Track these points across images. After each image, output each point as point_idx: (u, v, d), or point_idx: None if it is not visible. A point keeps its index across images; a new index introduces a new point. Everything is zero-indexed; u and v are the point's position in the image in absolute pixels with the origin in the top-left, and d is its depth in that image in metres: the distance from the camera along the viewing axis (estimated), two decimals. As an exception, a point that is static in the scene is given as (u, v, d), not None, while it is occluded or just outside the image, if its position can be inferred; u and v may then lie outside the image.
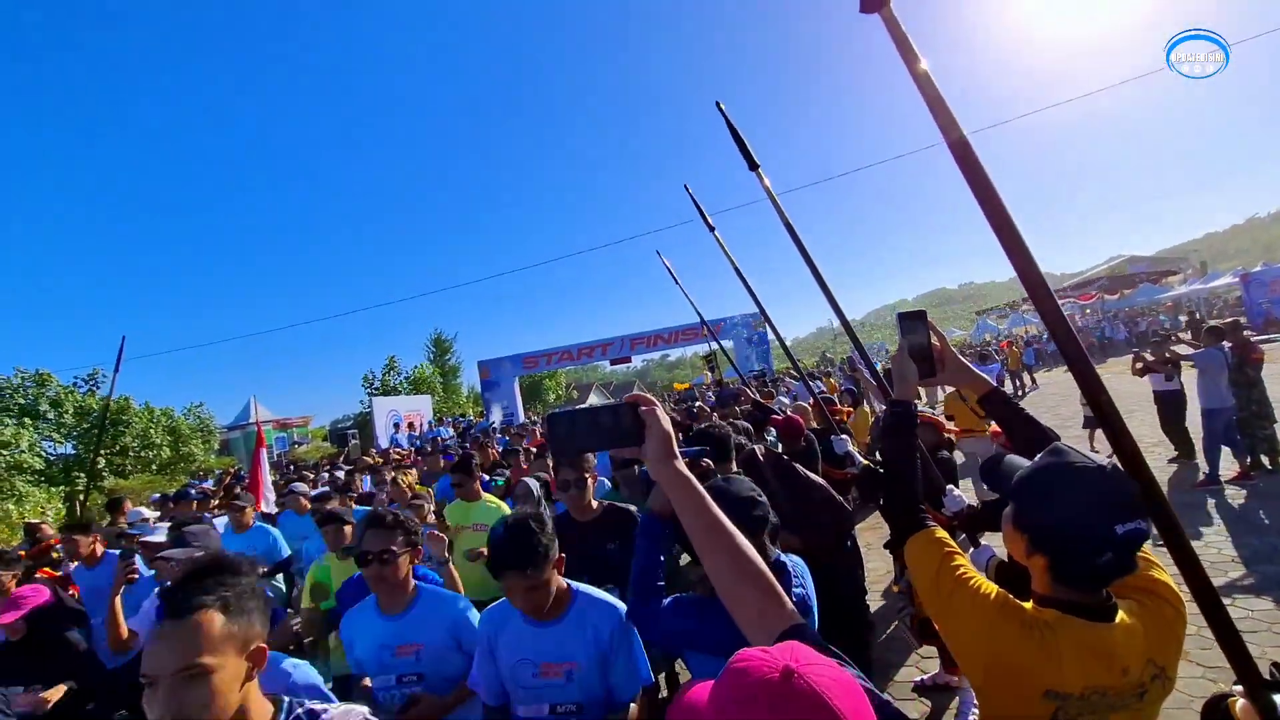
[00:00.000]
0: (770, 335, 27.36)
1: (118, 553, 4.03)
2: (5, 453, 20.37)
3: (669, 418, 1.06)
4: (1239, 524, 5.43)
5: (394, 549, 2.16)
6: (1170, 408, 7.67)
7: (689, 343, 27.87)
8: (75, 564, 4.58)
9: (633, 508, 2.97)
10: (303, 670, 1.83)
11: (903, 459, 1.41)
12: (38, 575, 5.05)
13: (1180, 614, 1.20)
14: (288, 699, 1.22)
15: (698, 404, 9.45)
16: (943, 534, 1.31)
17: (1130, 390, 10.89)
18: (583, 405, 1.16)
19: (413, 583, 2.26)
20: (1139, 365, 7.82)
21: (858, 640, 3.17)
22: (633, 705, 1.93)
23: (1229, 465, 6.79)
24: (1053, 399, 14.79)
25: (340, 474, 9.46)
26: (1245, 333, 7.46)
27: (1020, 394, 17.19)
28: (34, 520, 7.54)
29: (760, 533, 1.82)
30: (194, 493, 9.78)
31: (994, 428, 4.57)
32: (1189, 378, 7.36)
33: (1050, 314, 1.22)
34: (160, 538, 4.58)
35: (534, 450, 7.34)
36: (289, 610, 3.97)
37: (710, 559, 0.97)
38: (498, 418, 23.97)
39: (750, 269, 4.49)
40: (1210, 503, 6.10)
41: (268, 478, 7.26)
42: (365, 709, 1.26)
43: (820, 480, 3.42)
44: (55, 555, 6.04)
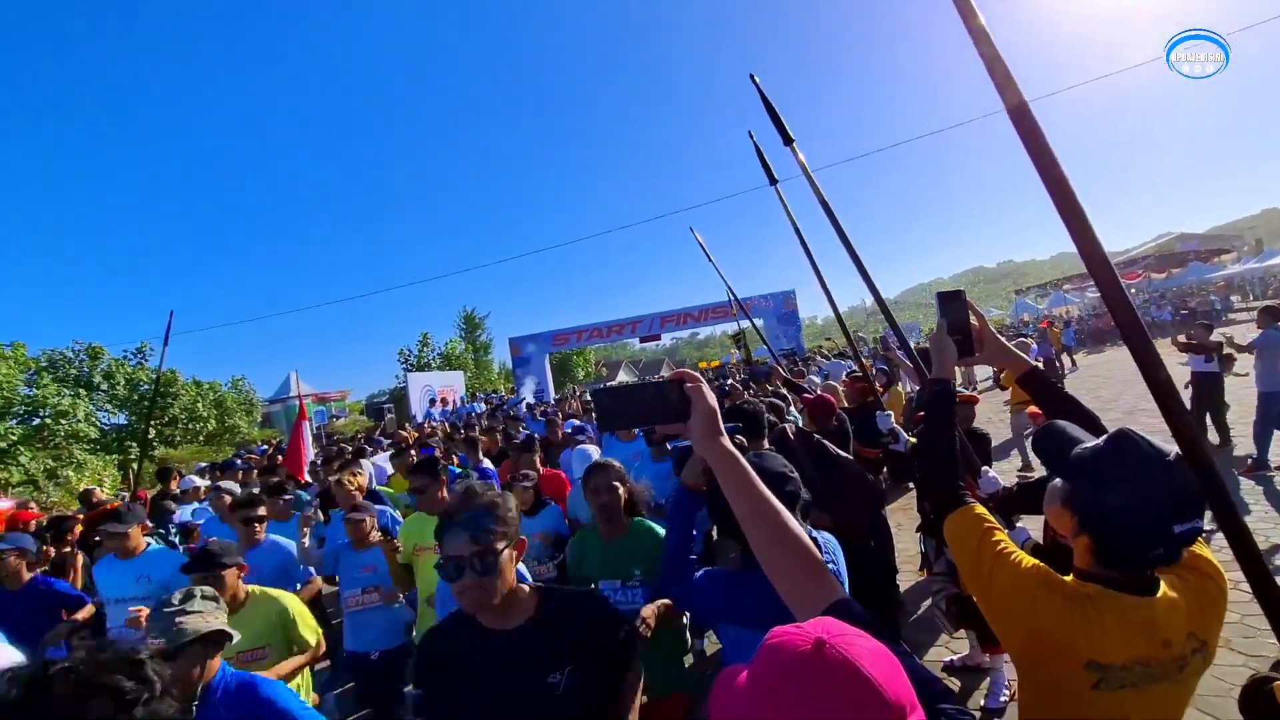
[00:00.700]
0: (802, 314, 27.12)
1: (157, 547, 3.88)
2: (64, 422, 21.43)
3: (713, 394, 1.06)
4: (1290, 511, 5.23)
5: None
6: (1207, 390, 7.40)
7: (718, 321, 27.71)
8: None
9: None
10: None
11: (941, 437, 1.41)
12: (99, 540, 5.34)
13: (1222, 590, 1.19)
14: None
15: (729, 382, 9.39)
16: (981, 510, 1.30)
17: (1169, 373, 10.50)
18: (626, 382, 1.18)
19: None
20: (1182, 341, 7.59)
21: (888, 620, 3.17)
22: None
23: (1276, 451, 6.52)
24: (1093, 381, 14.37)
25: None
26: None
27: (1060, 376, 16.74)
28: (89, 486, 7.96)
29: (791, 509, 1.82)
30: (239, 462, 10.22)
31: (1033, 407, 4.46)
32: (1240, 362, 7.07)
33: (1107, 284, 1.18)
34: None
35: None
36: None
37: (755, 535, 0.97)
38: (529, 394, 24.28)
39: (781, 246, 4.43)
40: (1258, 489, 5.88)
41: (309, 450, 7.52)
42: None
43: (851, 460, 3.40)
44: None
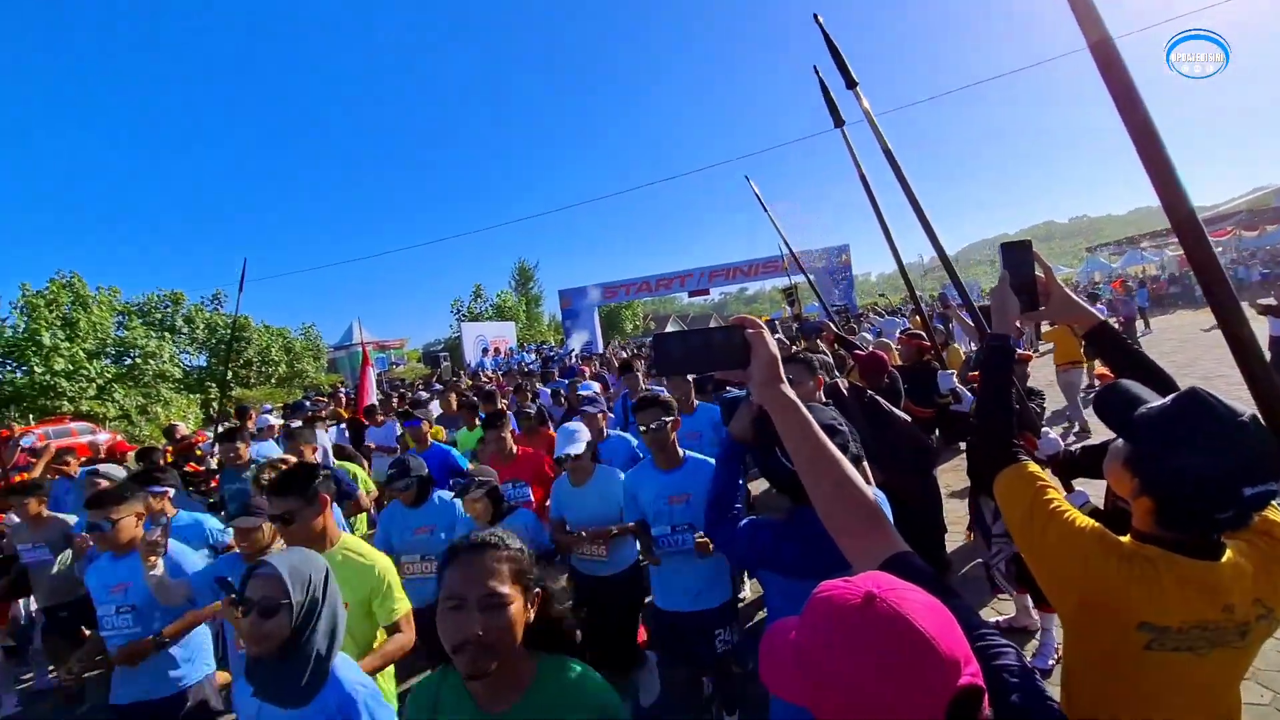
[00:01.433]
0: (855, 271, 26.21)
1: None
2: (152, 362, 23.08)
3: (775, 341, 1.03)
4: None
5: None
6: None
7: (768, 276, 27.14)
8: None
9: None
10: None
11: (998, 394, 1.36)
12: (185, 470, 5.82)
13: None
14: None
15: (778, 336, 9.29)
16: (1035, 468, 1.27)
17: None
18: (689, 328, 1.17)
19: None
20: (1262, 303, 7.16)
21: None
22: None
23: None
24: (1168, 344, 13.51)
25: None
26: None
27: (1135, 338, 15.80)
28: (172, 423, 8.60)
29: None
30: (308, 405, 10.83)
31: (1100, 368, 4.24)
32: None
33: (1190, 237, 1.10)
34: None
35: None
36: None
37: (814, 485, 0.96)
38: (578, 346, 24.61)
39: (834, 201, 4.26)
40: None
41: (372, 394, 7.97)
42: None
43: (905, 417, 3.36)
44: (199, 453, 6.91)
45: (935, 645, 0.59)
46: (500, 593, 1.13)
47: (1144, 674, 1.11)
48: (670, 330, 1.08)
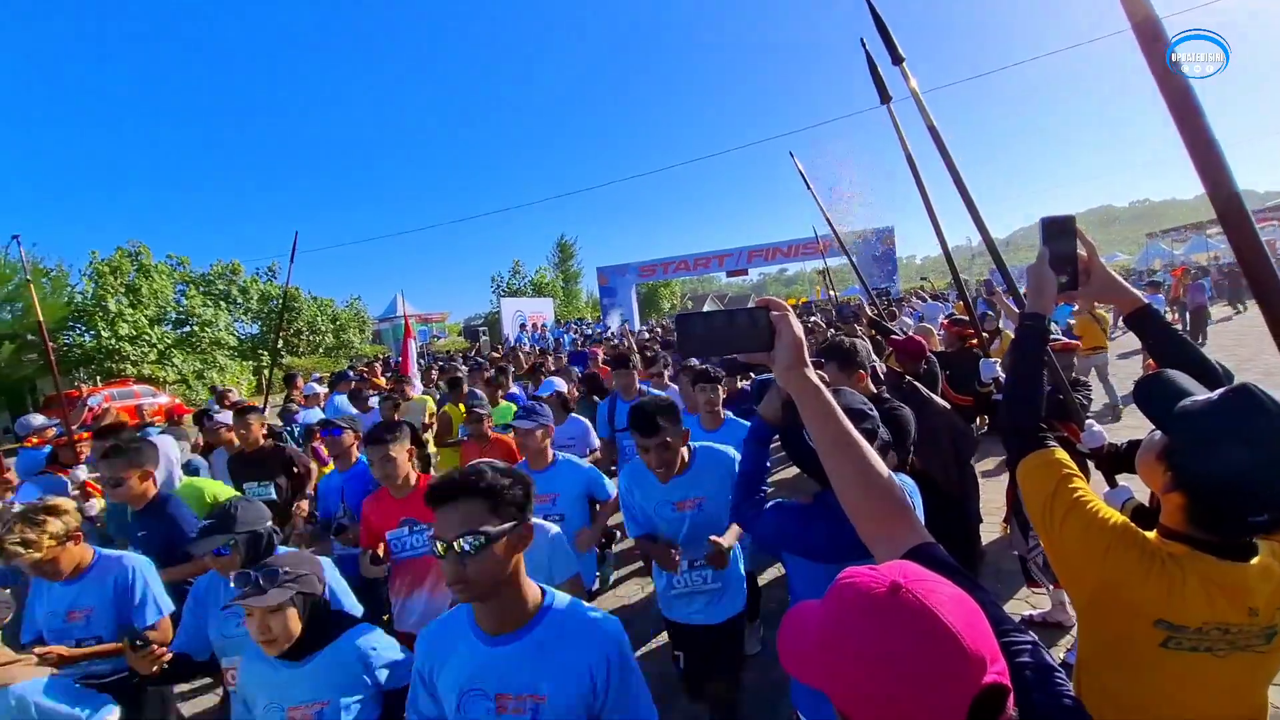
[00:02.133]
0: (899, 254, 25.47)
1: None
2: (209, 330, 24.11)
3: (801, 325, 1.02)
4: None
5: None
6: None
7: (808, 257, 26.63)
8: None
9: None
10: None
11: (1027, 375, 1.32)
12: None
13: None
14: None
15: (813, 319, 9.13)
16: (1063, 455, 1.24)
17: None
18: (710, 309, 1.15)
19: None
20: None
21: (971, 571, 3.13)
22: None
23: None
24: (1229, 337, 12.77)
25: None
26: None
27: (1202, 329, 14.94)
28: (225, 387, 9.02)
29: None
30: (351, 374, 11.20)
31: (1149, 360, 4.05)
32: None
33: (1236, 226, 1.04)
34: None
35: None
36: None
37: (837, 470, 0.95)
38: (615, 324, 24.70)
39: (878, 181, 4.10)
40: None
41: (414, 365, 8.27)
42: None
43: (943, 403, 3.29)
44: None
45: (961, 641, 0.57)
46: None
47: (1159, 671, 1.09)
48: (691, 311, 1.06)
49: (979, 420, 6.57)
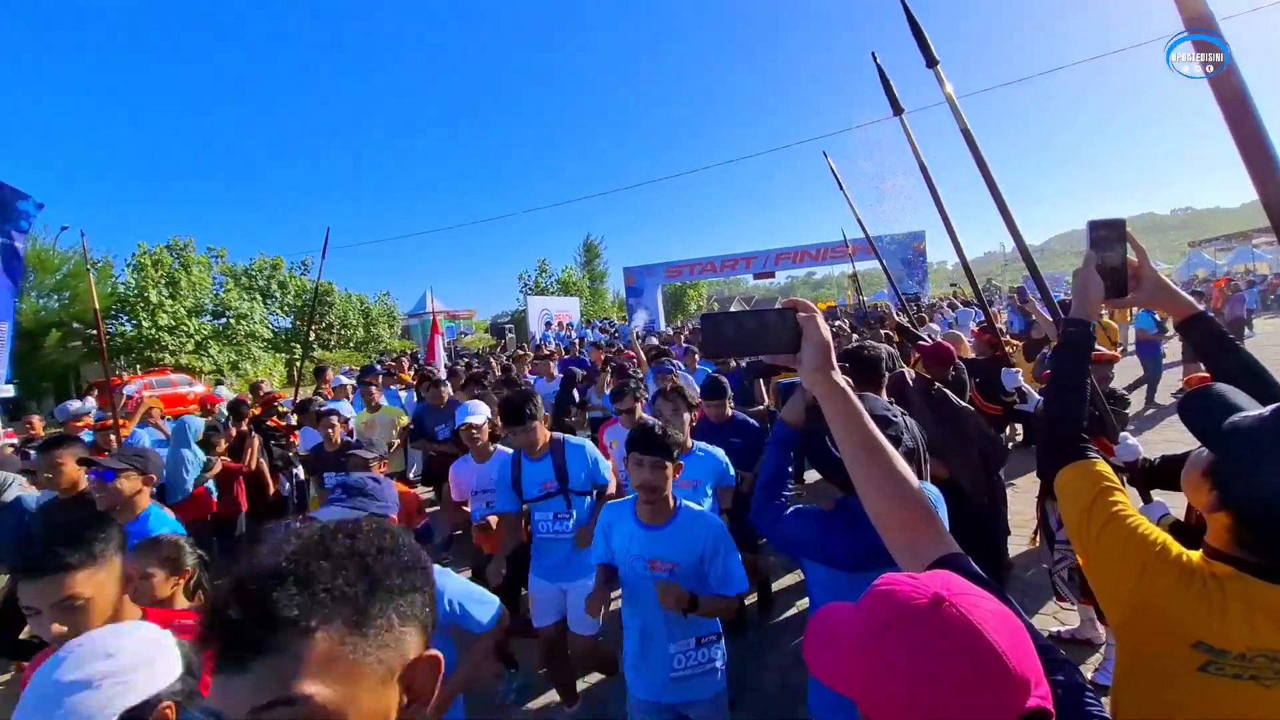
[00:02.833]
0: (930, 258, 25.01)
1: None
2: (244, 323, 24.77)
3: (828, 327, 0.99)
4: None
5: None
6: None
7: (836, 260, 26.31)
8: None
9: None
10: None
11: (1069, 383, 1.28)
12: (268, 424, 6.25)
13: None
14: None
15: (837, 323, 9.01)
16: (1104, 467, 1.20)
17: None
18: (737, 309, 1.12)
19: None
20: None
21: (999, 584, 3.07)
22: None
23: None
24: (1275, 350, 12.26)
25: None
26: None
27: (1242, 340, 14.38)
28: (258, 379, 9.27)
29: None
30: (379, 367, 11.42)
31: (1191, 376, 3.91)
32: None
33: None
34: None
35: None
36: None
37: (862, 476, 0.93)
38: (640, 324, 24.73)
39: (911, 183, 4.04)
40: None
41: (441, 360, 8.42)
42: None
43: (973, 412, 3.23)
44: (280, 409, 7.41)
45: (1006, 661, 0.54)
46: None
47: (1199, 697, 1.04)
48: (717, 311, 1.05)
49: (1009, 429, 6.43)
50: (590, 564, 2.49)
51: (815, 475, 6.17)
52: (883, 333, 6.73)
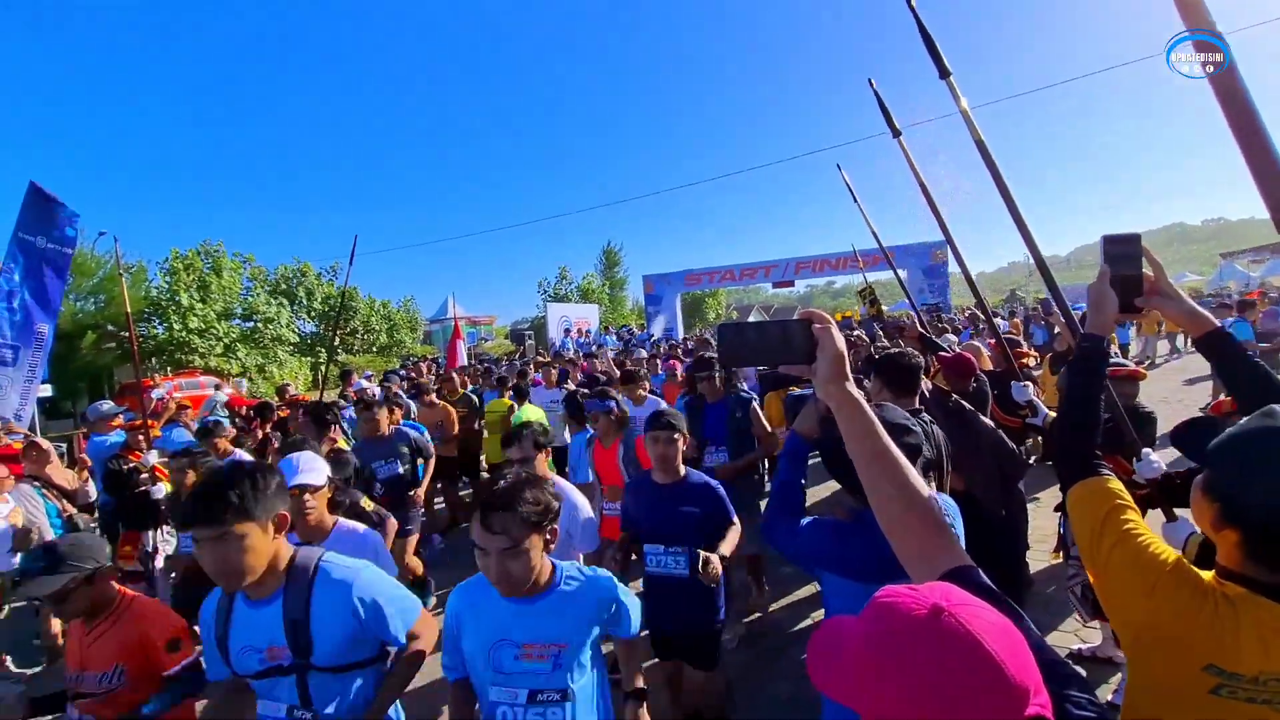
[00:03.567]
0: (952, 268, 24.66)
1: None
2: (271, 327, 25.24)
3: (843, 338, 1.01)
4: None
5: None
6: None
7: (855, 270, 26.03)
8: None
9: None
10: None
11: (1083, 399, 1.28)
12: (290, 428, 6.38)
13: None
14: None
15: (856, 333, 8.91)
16: (1117, 484, 1.19)
17: None
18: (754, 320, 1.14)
19: None
20: None
21: (1015, 599, 3.02)
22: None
23: None
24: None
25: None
26: None
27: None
28: (284, 382, 9.47)
29: (911, 462, 1.79)
30: (401, 372, 11.60)
31: (1220, 402, 3.77)
32: None
33: None
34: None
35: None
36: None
37: (875, 487, 0.93)
38: (658, 332, 24.75)
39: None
40: None
41: (461, 362, 8.55)
42: None
43: (991, 424, 3.19)
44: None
45: (1004, 670, 0.55)
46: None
47: None
48: (734, 321, 1.07)
49: (1032, 442, 6.31)
50: None
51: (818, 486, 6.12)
52: (899, 343, 6.66)
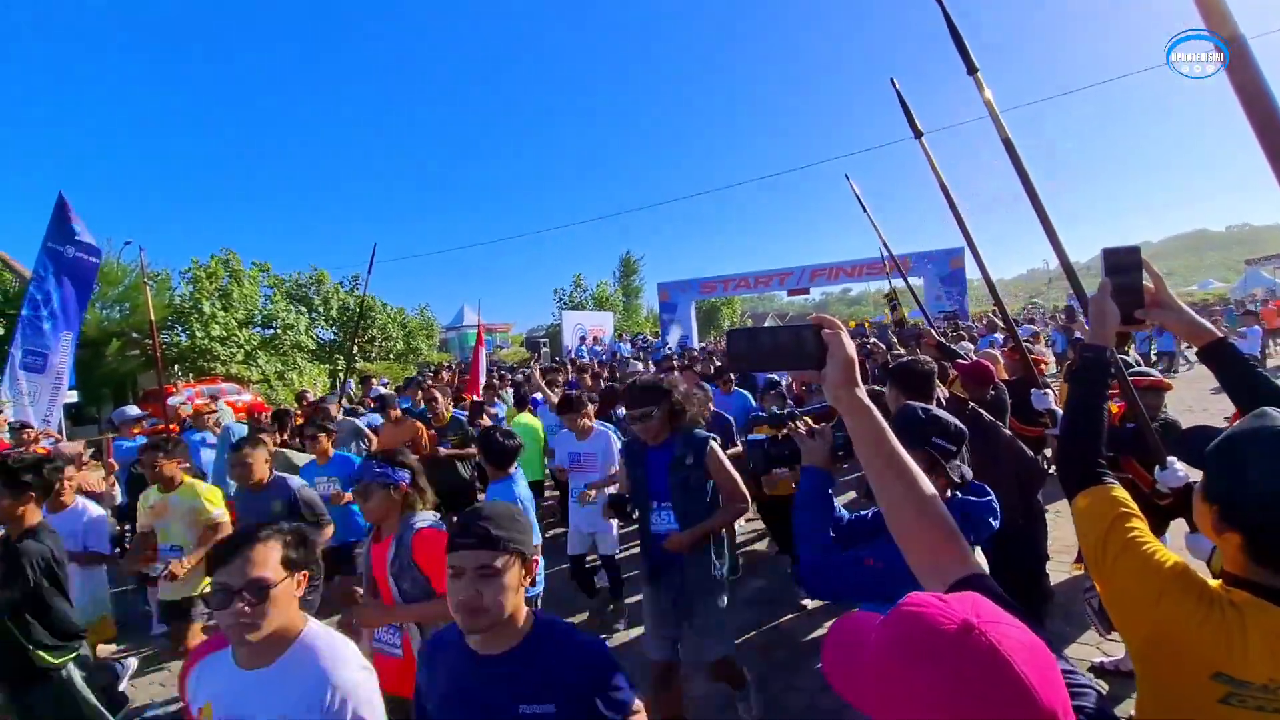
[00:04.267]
0: (970, 275, 24.43)
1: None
2: (289, 334, 25.62)
3: (853, 344, 1.01)
4: None
5: None
6: None
7: (872, 277, 25.84)
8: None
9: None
10: None
11: (1086, 408, 1.29)
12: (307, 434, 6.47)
13: None
14: None
15: (872, 340, 8.86)
16: (1122, 493, 1.18)
17: None
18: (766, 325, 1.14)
19: None
20: None
21: (1032, 611, 2.97)
22: None
23: None
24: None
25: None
26: None
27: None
28: (303, 389, 9.61)
29: (947, 460, 1.77)
30: (418, 378, 11.72)
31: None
32: None
33: None
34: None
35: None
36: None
37: (886, 493, 0.93)
38: (673, 340, 24.74)
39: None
40: None
41: (483, 374, 8.66)
42: None
43: (1008, 432, 3.15)
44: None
45: (1034, 694, 0.53)
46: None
47: None
48: (744, 326, 1.07)
49: (1051, 452, 6.22)
50: None
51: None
52: (918, 350, 6.61)
